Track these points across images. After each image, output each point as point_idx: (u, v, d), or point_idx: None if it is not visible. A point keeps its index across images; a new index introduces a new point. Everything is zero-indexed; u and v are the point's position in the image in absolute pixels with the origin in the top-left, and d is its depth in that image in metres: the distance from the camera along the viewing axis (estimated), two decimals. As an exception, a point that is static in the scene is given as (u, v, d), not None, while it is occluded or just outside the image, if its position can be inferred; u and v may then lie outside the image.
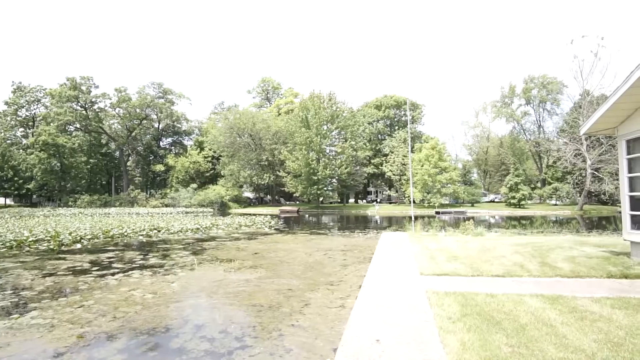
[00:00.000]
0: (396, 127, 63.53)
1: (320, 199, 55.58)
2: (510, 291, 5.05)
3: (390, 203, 60.11)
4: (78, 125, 65.30)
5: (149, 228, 19.52)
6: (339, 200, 63.53)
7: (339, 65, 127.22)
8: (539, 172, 59.20)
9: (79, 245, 13.42)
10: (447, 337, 3.45)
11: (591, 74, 42.69)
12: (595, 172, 40.26)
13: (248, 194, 67.89)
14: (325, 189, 53.09)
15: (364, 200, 68.83)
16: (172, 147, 74.33)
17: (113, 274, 8.37)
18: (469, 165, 66.30)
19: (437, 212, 42.68)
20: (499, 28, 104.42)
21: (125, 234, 17.28)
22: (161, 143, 74.55)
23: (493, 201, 59.00)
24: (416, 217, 26.06)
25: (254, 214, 39.29)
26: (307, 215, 41.01)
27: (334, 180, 54.69)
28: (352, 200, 69.16)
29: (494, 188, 65.61)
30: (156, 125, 71.91)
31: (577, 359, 2.97)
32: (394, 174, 55.67)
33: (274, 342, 4.38)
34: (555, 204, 49.82)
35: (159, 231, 18.66)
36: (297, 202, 62.17)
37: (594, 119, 7.48)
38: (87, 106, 64.72)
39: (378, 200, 65.14)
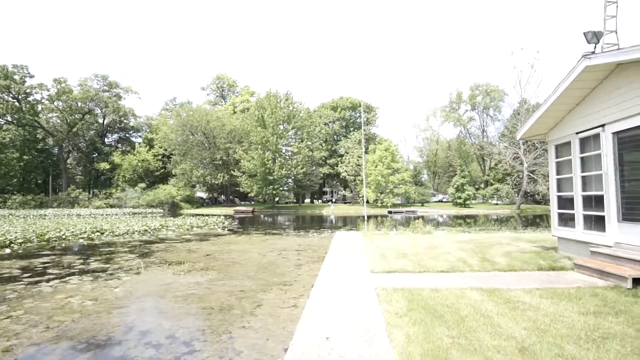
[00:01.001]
0: (352, 129, 64.73)
1: (276, 199, 55.15)
2: (453, 285, 5.35)
3: (345, 203, 61.08)
4: (9, 118, 59.37)
5: (90, 230, 18.24)
6: (295, 200, 63.49)
7: (296, 65, 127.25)
8: (482, 173, 63.24)
9: (8, 250, 12.24)
10: (394, 332, 3.59)
11: (528, 83, 46.54)
12: (531, 174, 43.76)
13: (201, 194, 65.72)
14: (281, 189, 52.78)
15: (320, 200, 69.36)
16: (119, 144, 69.95)
17: (48, 281, 7.74)
18: (420, 166, 69.23)
19: (390, 212, 44.12)
20: (451, 36, 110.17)
21: (64, 237, 16.02)
22: (106, 140, 69.92)
23: (441, 201, 62.01)
24: (370, 217, 26.76)
25: (207, 215, 38.13)
26: (262, 216, 40.55)
27: (290, 180, 54.57)
28: (308, 200, 69.41)
29: (442, 188, 69.03)
30: (101, 120, 67.29)
31: (509, 345, 3.22)
32: (349, 175, 56.67)
33: (224, 345, 4.30)
34: (496, 204, 53.53)
35: (102, 233, 17.50)
36: (253, 203, 61.26)
37: (528, 125, 8.14)
38: (20, 97, 59.01)
39: (333, 200, 65.97)
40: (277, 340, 4.41)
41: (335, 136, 66.11)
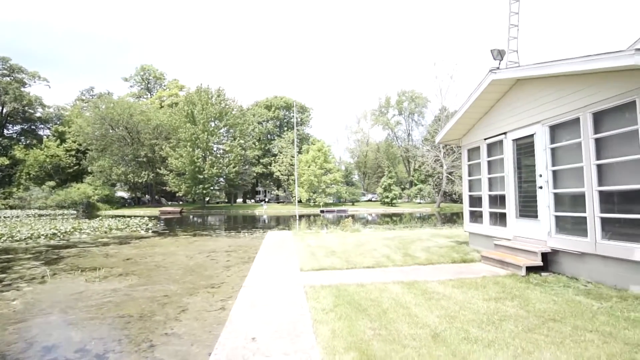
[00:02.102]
0: (285, 128, 64.78)
1: (207, 198, 53.07)
2: (377, 280, 5.65)
3: (278, 203, 60.91)
4: None
5: (-18, 235, 15.84)
6: (227, 200, 61.69)
7: (229, 62, 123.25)
8: (407, 174, 67.50)
9: None
10: (320, 327, 3.68)
11: (447, 92, 50.92)
12: (449, 176, 47.81)
13: (122, 193, 60.60)
14: (211, 188, 50.90)
15: (253, 200, 68.29)
16: (22, 137, 61.59)
17: None
18: (351, 167, 71.65)
19: (322, 211, 44.99)
20: (383, 42, 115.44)
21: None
22: (5, 131, 61.07)
23: (370, 200, 64.87)
24: (302, 216, 27.04)
25: (129, 216, 35.32)
26: (191, 216, 38.70)
27: (222, 179, 52.87)
28: (240, 200, 67.87)
29: (372, 188, 72.23)
30: (-1, 109, 58.72)
31: (423, 333, 3.49)
32: (282, 174, 56.64)
33: (143, 355, 4.04)
34: (420, 203, 57.56)
35: (-3, 239, 15.31)
36: (181, 203, 58.19)
37: (445, 130, 8.89)
38: None
39: (266, 199, 65.37)
40: (202, 345, 4.26)
41: (269, 135, 65.63)
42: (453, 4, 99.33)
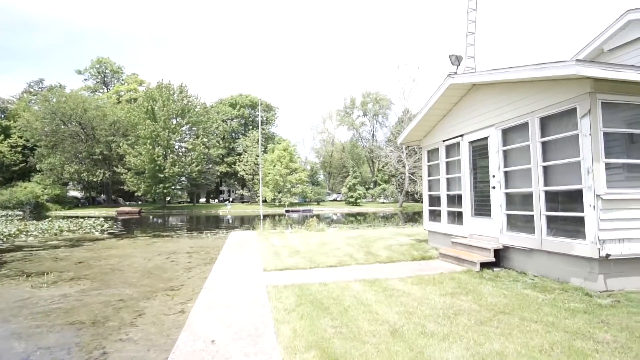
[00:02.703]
0: (250, 127, 63.91)
1: (168, 198, 51.22)
2: (340, 279, 5.72)
3: (243, 202, 60.03)
4: None
5: None
6: (189, 200, 59.89)
7: (193, 57, 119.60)
8: (372, 174, 68.76)
9: None
10: (282, 327, 3.68)
11: (410, 95, 52.37)
12: (412, 176, 49.27)
13: (75, 193, 57.11)
14: (173, 187, 49.20)
15: (216, 200, 66.80)
16: (-43, 132, 56.36)
17: None
18: (316, 167, 71.98)
19: (287, 211, 44.87)
20: (349, 43, 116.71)
21: None
22: (-63, 125, 55.62)
23: (336, 200, 65.50)
24: (267, 216, 26.82)
25: (83, 217, 33.39)
26: (151, 217, 37.23)
27: (184, 178, 51.24)
28: (203, 199, 66.13)
29: (337, 188, 72.95)
30: None
31: (383, 329, 3.58)
32: (247, 174, 55.86)
33: (95, 362, 3.85)
34: (383, 202, 58.90)
35: None
36: (140, 203, 55.76)
37: (407, 132, 9.15)
38: None
39: (230, 199, 64.21)
40: (159, 350, 4.12)
41: (233, 134, 64.48)
42: (416, 10, 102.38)
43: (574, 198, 4.95)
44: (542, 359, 2.85)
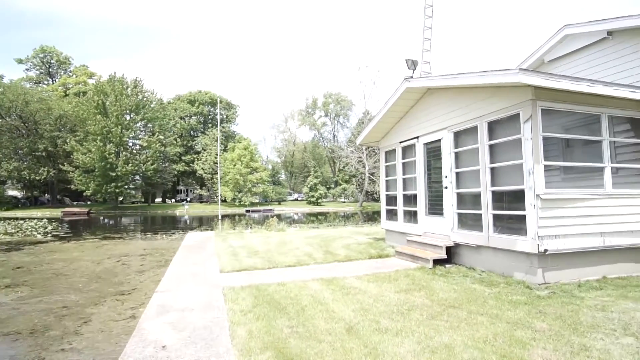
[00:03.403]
0: (210, 125, 62.20)
1: (120, 198, 48.58)
2: (298, 278, 5.72)
3: (201, 202, 58.33)
4: None
5: None
6: (144, 200, 57.21)
7: (149, 51, 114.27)
8: (333, 174, 69.44)
9: None
10: (237, 329, 3.61)
11: (371, 97, 53.40)
12: (371, 176, 50.35)
13: (15, 192, 52.59)
14: (126, 187, 46.76)
15: (173, 200, 64.38)
16: None
17: None
18: (278, 166, 71.57)
19: (248, 211, 44.22)
20: (310, 42, 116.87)
21: None
22: None
23: (297, 200, 65.45)
24: (227, 216, 26.28)
25: (23, 218, 30.84)
26: (101, 218, 35.14)
27: (138, 177, 48.87)
28: (159, 199, 63.46)
29: (298, 188, 72.92)
30: None
31: (339, 327, 3.63)
32: (206, 173, 54.37)
33: (32, 374, 3.57)
34: (344, 202, 59.73)
35: None
36: (89, 203, 52.39)
37: (365, 133, 9.34)
38: None
39: (188, 199, 62.13)
40: (106, 359, 3.91)
41: (192, 132, 62.49)
42: (378, 15, 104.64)
43: (517, 198, 5.30)
44: (487, 349, 3.02)
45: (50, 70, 62.08)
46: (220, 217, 18.68)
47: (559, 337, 3.22)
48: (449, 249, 6.54)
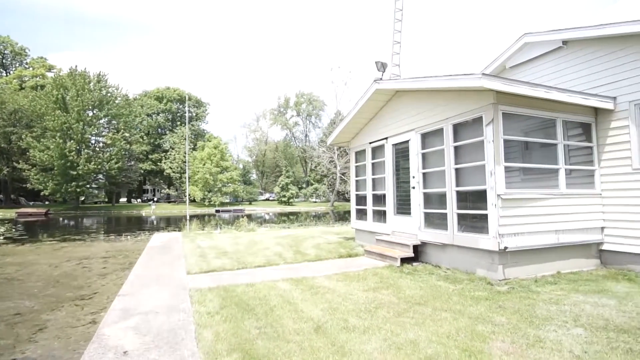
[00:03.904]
0: (178, 123, 60.56)
1: (82, 198, 46.34)
2: (267, 279, 5.68)
3: (169, 202, 56.70)
4: None
5: None
6: (107, 200, 54.86)
7: (114, 45, 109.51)
8: (304, 174, 69.44)
9: None
10: (203, 332, 3.54)
11: (342, 97, 53.78)
12: (342, 176, 50.73)
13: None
14: (88, 186, 44.64)
15: (139, 200, 62.14)
16: None
17: None
18: (249, 166, 70.70)
19: (217, 211, 43.40)
20: (282, 42, 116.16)
21: None
22: None
23: (268, 199, 64.98)
24: (196, 216, 25.68)
25: (-29, 220, 28.77)
26: (61, 219, 33.34)
27: (101, 176, 46.78)
28: (124, 199, 61.06)
29: (270, 187, 72.40)
30: None
31: (307, 327, 3.64)
32: (174, 172, 52.90)
33: (-21, 386, 3.35)
34: (315, 202, 59.86)
35: None
36: (47, 203, 49.60)
37: (336, 133, 9.41)
38: None
39: (155, 199, 60.24)
40: (63, 366, 3.72)
41: (159, 129, 60.60)
42: (349, 17, 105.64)
43: (480, 197, 5.51)
44: (449, 344, 3.12)
45: (4, 61, 58.30)
46: (188, 217, 18.22)
47: (517, 330, 3.39)
48: (416, 248, 6.70)
